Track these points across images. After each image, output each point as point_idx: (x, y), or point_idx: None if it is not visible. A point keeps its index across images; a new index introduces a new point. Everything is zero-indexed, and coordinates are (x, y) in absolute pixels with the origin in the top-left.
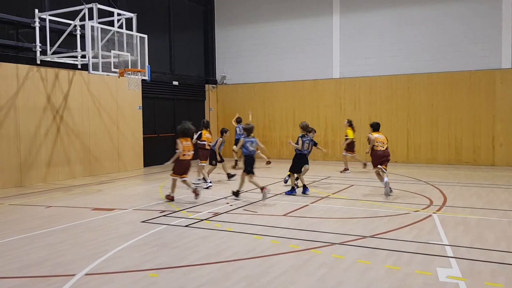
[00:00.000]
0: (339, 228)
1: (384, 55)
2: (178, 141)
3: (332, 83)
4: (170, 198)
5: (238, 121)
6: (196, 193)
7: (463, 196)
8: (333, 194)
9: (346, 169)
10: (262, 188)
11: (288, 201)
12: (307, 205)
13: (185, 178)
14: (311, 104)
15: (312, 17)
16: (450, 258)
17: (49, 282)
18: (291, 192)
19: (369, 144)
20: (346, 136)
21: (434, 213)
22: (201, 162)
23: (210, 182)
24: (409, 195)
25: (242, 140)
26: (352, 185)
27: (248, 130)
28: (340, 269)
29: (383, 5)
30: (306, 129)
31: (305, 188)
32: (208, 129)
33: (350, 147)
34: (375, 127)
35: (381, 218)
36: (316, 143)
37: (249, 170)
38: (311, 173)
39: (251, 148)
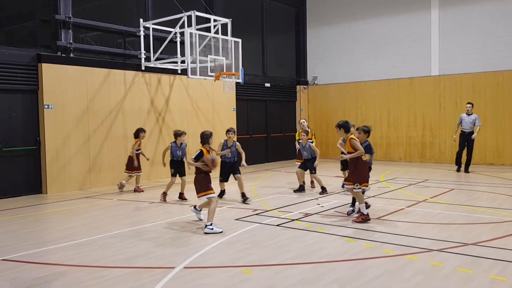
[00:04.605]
0: (438, 234)
1: (489, 50)
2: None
3: (430, 81)
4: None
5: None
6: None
7: None
8: (431, 198)
9: None
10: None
11: (382, 204)
12: (403, 208)
13: None
14: (407, 103)
15: (409, 13)
16: None
17: (152, 273)
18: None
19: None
20: None
21: None
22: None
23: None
24: None
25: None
26: (453, 189)
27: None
28: (439, 277)
29: None
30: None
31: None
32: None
33: None
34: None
35: (485, 224)
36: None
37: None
38: (407, 176)
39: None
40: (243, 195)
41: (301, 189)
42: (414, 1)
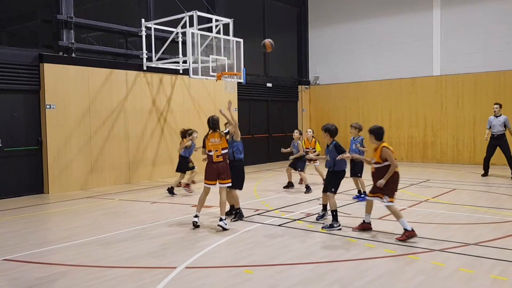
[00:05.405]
0: (440, 234)
1: (491, 50)
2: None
3: (432, 81)
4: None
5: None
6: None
7: None
8: (433, 198)
9: None
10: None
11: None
12: (405, 208)
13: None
14: (409, 103)
15: (410, 12)
16: None
17: (153, 273)
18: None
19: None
20: None
21: None
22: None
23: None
24: None
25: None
26: (454, 189)
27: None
28: (440, 277)
29: None
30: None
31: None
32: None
33: None
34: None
35: (487, 224)
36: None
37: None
38: (409, 176)
39: None
40: (232, 208)
41: (289, 185)
42: (415, 1)
